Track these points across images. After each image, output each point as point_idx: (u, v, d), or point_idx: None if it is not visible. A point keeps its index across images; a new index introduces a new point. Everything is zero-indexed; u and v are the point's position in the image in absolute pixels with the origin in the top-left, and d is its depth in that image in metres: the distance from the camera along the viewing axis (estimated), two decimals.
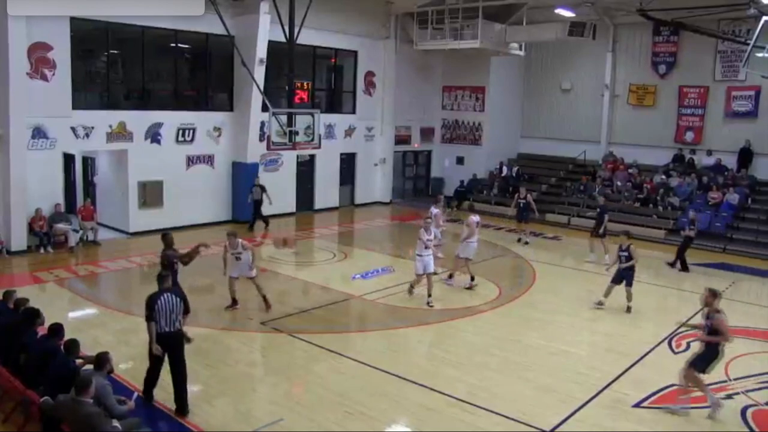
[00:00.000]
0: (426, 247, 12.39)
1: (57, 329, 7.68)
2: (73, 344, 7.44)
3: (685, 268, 16.39)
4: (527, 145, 27.48)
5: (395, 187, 26.28)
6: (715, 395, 8.42)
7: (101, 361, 7.14)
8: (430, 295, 12.48)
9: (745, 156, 21.86)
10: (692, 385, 8.39)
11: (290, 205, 22.08)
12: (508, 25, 22.59)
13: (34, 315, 8.10)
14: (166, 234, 10.54)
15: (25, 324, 8.03)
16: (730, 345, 8.39)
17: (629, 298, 12.62)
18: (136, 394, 7.51)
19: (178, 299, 7.80)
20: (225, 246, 11.81)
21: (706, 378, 8.44)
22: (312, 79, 22.73)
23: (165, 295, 7.74)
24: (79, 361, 7.65)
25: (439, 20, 22.94)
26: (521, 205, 18.62)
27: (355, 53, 23.73)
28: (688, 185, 21.62)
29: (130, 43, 18.37)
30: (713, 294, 8.28)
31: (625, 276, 12.59)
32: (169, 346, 7.75)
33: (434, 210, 14.98)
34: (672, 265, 16.64)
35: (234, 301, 11.90)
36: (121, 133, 17.50)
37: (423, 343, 10.58)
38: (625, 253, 12.59)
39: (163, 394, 8.32)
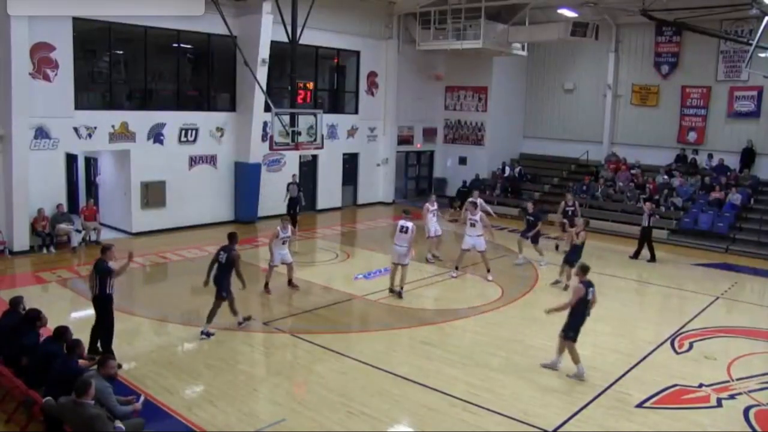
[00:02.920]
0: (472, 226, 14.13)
1: (62, 332, 7.69)
2: (76, 345, 7.45)
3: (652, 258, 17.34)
4: (530, 145, 27.45)
5: (398, 188, 26.29)
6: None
7: (103, 362, 7.15)
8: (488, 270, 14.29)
9: (748, 156, 21.84)
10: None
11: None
12: (511, 25, 22.56)
13: (35, 318, 8.12)
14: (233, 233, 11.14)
15: (25, 326, 8.06)
16: (733, 345, 8.39)
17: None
18: (142, 397, 7.52)
19: (94, 271, 9.20)
20: (276, 233, 12.89)
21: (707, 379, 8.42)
22: (314, 80, 22.74)
23: (95, 263, 9.30)
24: (82, 361, 7.67)
25: (442, 20, 22.94)
26: (569, 212, 17.31)
27: (357, 53, 23.74)
28: (690, 185, 21.59)
29: (132, 43, 18.42)
30: (582, 270, 9.58)
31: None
32: (93, 304, 9.38)
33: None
34: (644, 257, 17.35)
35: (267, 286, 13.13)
36: (123, 134, 17.52)
37: (425, 343, 10.56)
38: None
39: (167, 394, 8.35)
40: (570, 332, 9.22)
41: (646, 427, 7.97)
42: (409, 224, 12.64)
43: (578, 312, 9.20)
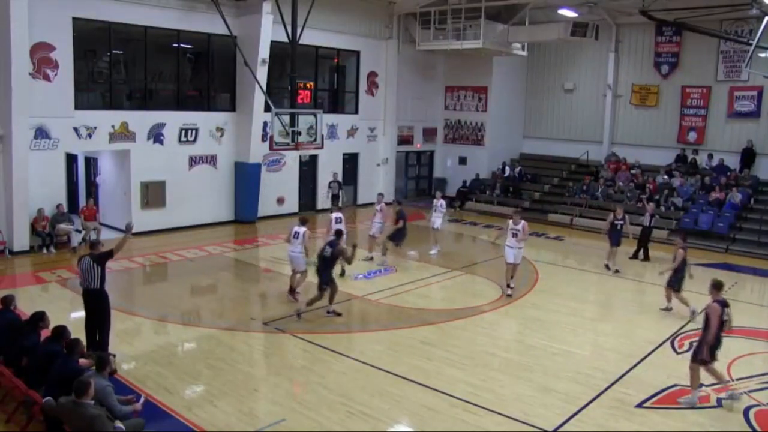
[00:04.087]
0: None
1: (61, 332, 7.69)
2: (75, 344, 7.45)
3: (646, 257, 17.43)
4: (530, 145, 27.48)
5: (398, 188, 26.29)
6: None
7: (102, 362, 7.16)
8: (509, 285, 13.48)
9: (748, 156, 21.85)
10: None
11: (293, 205, 22.11)
12: (511, 25, 22.56)
13: (39, 319, 8.13)
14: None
15: (28, 327, 8.06)
16: (733, 345, 8.36)
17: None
18: (142, 397, 7.53)
19: (94, 263, 8.99)
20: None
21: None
22: (314, 80, 22.75)
23: (85, 259, 9.10)
24: (82, 361, 7.66)
25: (442, 20, 22.95)
26: (619, 226, 15.83)
27: (357, 53, 23.75)
28: (690, 185, 21.59)
29: (132, 43, 18.43)
30: (716, 287, 8.63)
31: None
32: (89, 300, 9.10)
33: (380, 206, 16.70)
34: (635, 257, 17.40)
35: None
36: (123, 134, 17.52)
37: (425, 343, 10.56)
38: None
39: (167, 394, 8.35)
40: (706, 357, 8.46)
41: (646, 427, 7.96)
42: (302, 230, 12.76)
43: (714, 334, 8.43)
